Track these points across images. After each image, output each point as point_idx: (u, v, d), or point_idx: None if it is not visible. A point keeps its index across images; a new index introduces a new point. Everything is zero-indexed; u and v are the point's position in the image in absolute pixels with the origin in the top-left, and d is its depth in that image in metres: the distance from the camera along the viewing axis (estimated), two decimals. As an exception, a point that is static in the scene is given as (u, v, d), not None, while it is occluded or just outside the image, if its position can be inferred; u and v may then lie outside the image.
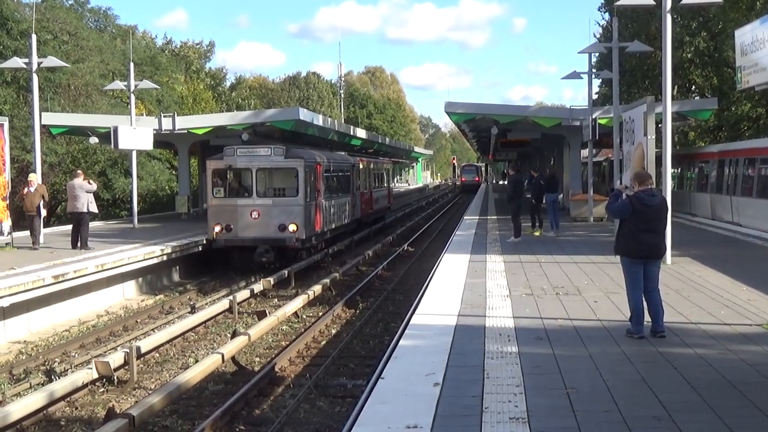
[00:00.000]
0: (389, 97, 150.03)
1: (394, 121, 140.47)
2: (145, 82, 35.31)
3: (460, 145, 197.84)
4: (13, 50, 44.19)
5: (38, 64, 26.98)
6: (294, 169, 27.06)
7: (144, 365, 15.61)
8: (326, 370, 14.87)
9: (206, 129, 36.78)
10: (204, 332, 18.66)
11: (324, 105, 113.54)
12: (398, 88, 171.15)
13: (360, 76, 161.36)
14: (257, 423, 12.10)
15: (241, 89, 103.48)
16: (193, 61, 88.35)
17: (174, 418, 12.39)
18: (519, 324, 12.25)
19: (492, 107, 42.45)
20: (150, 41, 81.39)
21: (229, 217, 26.63)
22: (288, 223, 26.51)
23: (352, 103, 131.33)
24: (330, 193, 31.40)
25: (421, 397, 8.54)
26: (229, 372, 14.99)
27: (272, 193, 27.96)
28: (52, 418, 12.45)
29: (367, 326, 18.96)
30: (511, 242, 24.80)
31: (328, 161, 31.80)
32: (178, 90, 70.18)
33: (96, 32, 61.33)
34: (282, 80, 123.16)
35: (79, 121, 38.48)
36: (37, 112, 27.44)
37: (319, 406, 12.86)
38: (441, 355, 10.33)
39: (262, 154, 27.30)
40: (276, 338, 17.99)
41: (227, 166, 27.30)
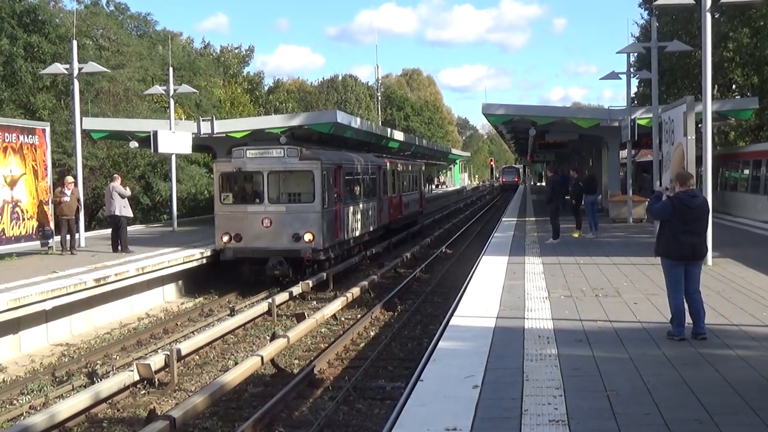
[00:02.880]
0: (426, 99, 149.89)
1: (432, 123, 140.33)
2: (184, 87, 35.57)
3: (498, 146, 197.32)
4: (51, 55, 44.78)
5: (79, 70, 27.27)
6: (309, 171, 24.67)
7: (184, 367, 15.72)
8: (365, 372, 14.88)
9: (244, 132, 36.96)
10: (243, 335, 18.75)
11: (361, 108, 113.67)
12: (435, 90, 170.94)
13: (397, 78, 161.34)
14: (296, 425, 12.14)
15: (279, 92, 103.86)
16: (231, 66, 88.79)
17: (214, 420, 12.47)
18: (558, 326, 12.19)
19: (530, 108, 42.29)
20: (188, 45, 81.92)
21: (238, 226, 24.61)
22: (303, 232, 24.24)
23: (390, 106, 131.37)
24: (353, 197, 29.28)
25: (460, 400, 8.52)
26: (268, 374, 15.05)
27: (286, 199, 25.85)
28: (95, 419, 12.59)
29: (405, 328, 18.95)
30: (550, 244, 24.70)
31: (350, 163, 29.48)
32: (217, 94, 70.60)
33: (136, 38, 61.87)
34: (320, 83, 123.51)
35: (119, 125, 38.85)
36: (78, 117, 27.73)
37: (358, 408, 12.88)
38: (480, 357, 10.30)
39: (274, 156, 24.75)
40: (315, 340, 18.04)
41: (236, 169, 24.95)
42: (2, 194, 22.92)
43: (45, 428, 11.31)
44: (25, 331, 17.72)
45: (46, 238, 24.93)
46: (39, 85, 46.39)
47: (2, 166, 22.97)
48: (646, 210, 11.72)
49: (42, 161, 24.92)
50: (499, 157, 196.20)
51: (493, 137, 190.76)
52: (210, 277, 25.48)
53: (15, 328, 17.32)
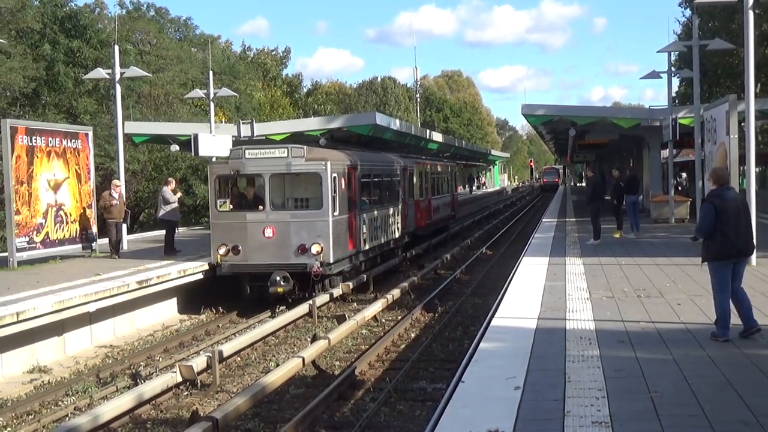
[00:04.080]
0: (465, 101, 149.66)
1: (471, 124, 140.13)
2: (224, 90, 35.85)
3: (537, 147, 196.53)
4: (93, 60, 45.33)
5: (120, 74, 27.54)
6: (316, 174, 21.85)
7: (226, 369, 15.80)
8: (406, 373, 14.86)
9: (284, 135, 37.08)
10: (284, 336, 18.82)
11: (400, 109, 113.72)
12: (474, 91, 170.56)
13: (436, 79, 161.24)
14: (338, 426, 12.16)
15: (318, 95, 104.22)
16: (270, 69, 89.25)
17: (256, 421, 12.52)
18: (600, 327, 12.12)
19: (569, 109, 42.11)
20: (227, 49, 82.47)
21: (237, 236, 21.79)
22: (310, 243, 21.49)
23: (429, 107, 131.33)
24: (372, 202, 26.53)
25: (502, 401, 8.50)
26: (309, 376, 15.09)
27: (291, 205, 23.39)
28: (138, 420, 12.70)
29: (446, 330, 18.92)
30: (591, 244, 24.56)
31: (368, 164, 26.66)
32: (256, 97, 71.01)
33: (176, 42, 62.39)
34: (358, 85, 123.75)
35: (160, 129, 39.20)
36: (120, 121, 28.01)
37: (399, 409, 12.87)
38: (521, 358, 10.27)
39: (276, 156, 21.97)
40: (355, 342, 18.06)
41: (233, 172, 22.17)
42: (46, 198, 23.21)
43: (90, 429, 11.41)
44: (70, 333, 17.93)
45: (88, 241, 25.21)
46: (81, 90, 46.95)
47: (46, 170, 23.26)
48: (695, 231, 11.60)
49: (85, 165, 25.21)
50: (539, 158, 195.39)
51: (532, 138, 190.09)
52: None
53: (59, 330, 17.53)
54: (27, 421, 12.94)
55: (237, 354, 16.51)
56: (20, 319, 15.35)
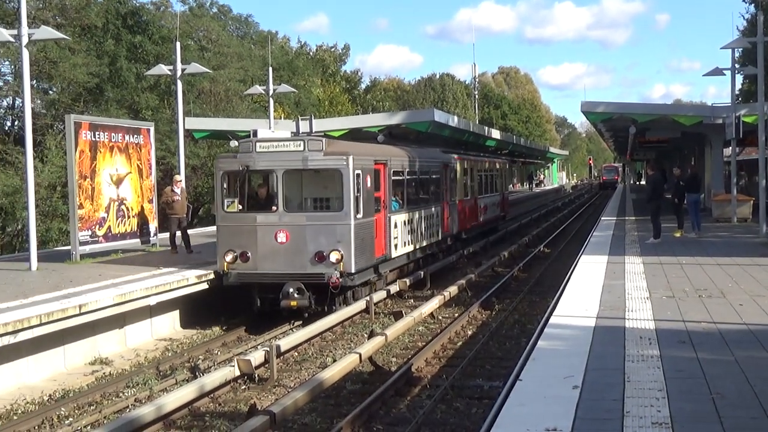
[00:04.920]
0: (524, 98, 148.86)
1: (529, 122, 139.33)
2: (283, 86, 36.07)
3: (597, 145, 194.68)
4: (155, 56, 45.90)
5: (182, 71, 27.84)
6: (336, 170, 19.43)
7: (283, 364, 15.90)
8: (462, 371, 14.84)
9: (342, 131, 37.19)
10: (341, 332, 18.89)
11: (458, 106, 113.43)
12: (533, 88, 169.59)
13: (495, 76, 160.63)
14: (394, 423, 12.18)
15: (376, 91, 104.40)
16: (329, 65, 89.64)
17: (313, 416, 12.59)
18: (660, 327, 11.98)
19: (630, 106, 41.63)
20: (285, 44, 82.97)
21: (246, 241, 19.45)
22: (329, 250, 19.06)
23: (487, 104, 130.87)
24: (406, 203, 24.05)
25: (560, 400, 8.44)
26: (366, 372, 15.13)
27: (307, 206, 21.15)
28: (197, 412, 12.85)
29: (503, 328, 18.84)
30: (651, 243, 24.28)
31: (401, 159, 24.05)
32: (315, 93, 71.34)
33: (237, 39, 62.93)
34: (417, 82, 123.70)
35: (220, 125, 39.57)
36: (181, 117, 28.31)
37: (456, 407, 12.85)
38: (580, 357, 10.19)
39: (291, 150, 19.49)
40: (412, 339, 18.06)
41: (242, 167, 19.77)
42: (109, 192, 23.56)
43: (151, 420, 11.60)
44: (131, 326, 18.20)
45: (148, 235, 25.53)
46: (143, 86, 47.56)
47: (109, 165, 23.61)
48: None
49: (147, 160, 25.54)
50: (598, 156, 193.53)
51: (591, 135, 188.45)
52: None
53: (121, 322, 17.80)
54: (89, 412, 13.16)
55: (294, 349, 16.61)
56: (83, 312, 15.61)
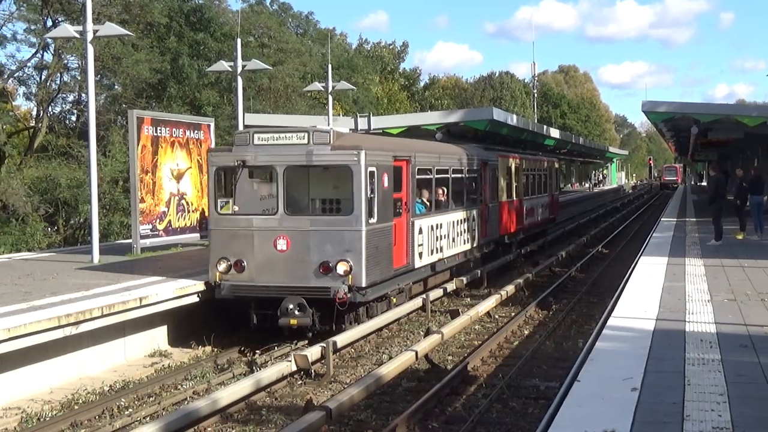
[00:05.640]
0: (583, 97, 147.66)
1: (588, 121, 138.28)
2: (342, 83, 36.19)
3: (657, 145, 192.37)
4: (216, 52, 46.36)
5: (242, 67, 28.07)
6: (346, 167, 16.69)
7: (339, 360, 15.96)
8: (519, 370, 14.76)
9: (400, 129, 37.22)
10: (398, 329, 18.89)
11: (517, 105, 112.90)
12: (592, 87, 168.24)
13: (554, 75, 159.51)
14: (450, 421, 12.15)
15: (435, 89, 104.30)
16: (388, 62, 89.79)
17: (368, 412, 12.61)
18: (721, 330, 11.81)
19: (692, 106, 41.02)
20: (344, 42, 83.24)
21: (241, 248, 17.00)
22: (336, 260, 16.45)
23: (545, 103, 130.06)
24: (435, 205, 21.44)
25: (619, 402, 8.36)
26: (422, 369, 15.12)
27: (312, 209, 18.45)
28: (254, 406, 12.96)
29: (560, 328, 18.72)
30: (712, 245, 23.93)
31: (430, 156, 21.22)
32: (374, 91, 71.51)
33: (296, 36, 63.34)
34: (475, 80, 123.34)
35: (279, 121, 39.75)
36: (241, 113, 28.56)
37: (512, 406, 12.78)
38: (639, 359, 10.08)
39: (294, 143, 16.89)
40: (468, 337, 18.02)
41: (238, 163, 17.23)
42: (169, 187, 23.84)
43: (208, 413, 11.74)
44: (190, 319, 18.37)
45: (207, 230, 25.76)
46: (204, 82, 48.09)
47: (170, 160, 23.89)
48: None
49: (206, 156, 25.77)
50: (658, 156, 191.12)
51: (651, 135, 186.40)
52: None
53: (180, 315, 17.97)
54: (148, 403, 13.33)
55: (351, 345, 16.64)
56: (143, 304, 15.81)
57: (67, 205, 41.02)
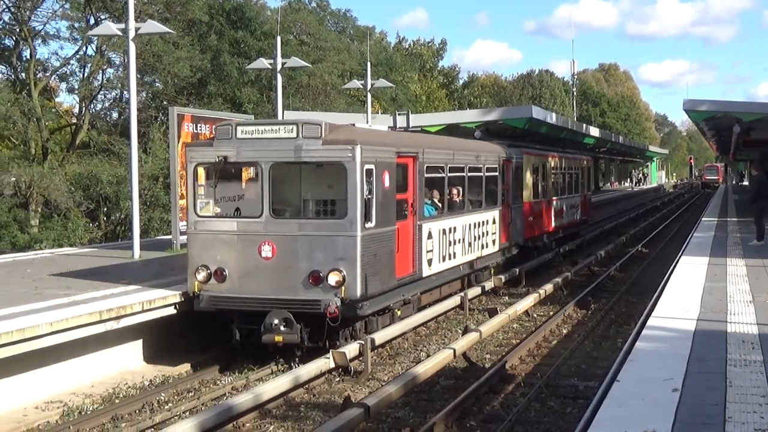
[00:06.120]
0: (623, 95, 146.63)
1: (628, 119, 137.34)
2: (381, 81, 36.23)
3: (698, 144, 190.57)
4: (257, 50, 46.63)
5: (282, 65, 28.20)
6: (339, 164, 14.90)
7: (377, 357, 15.97)
8: (557, 369, 14.70)
9: (439, 126, 37.24)
10: (435, 327, 18.88)
11: (556, 103, 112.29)
12: (632, 85, 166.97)
13: (593, 73, 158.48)
14: (487, 420, 12.12)
15: (474, 87, 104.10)
16: (427, 60, 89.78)
17: (406, 410, 12.62)
18: (764, 331, 11.70)
19: (734, 104, 40.61)
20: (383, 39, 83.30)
21: (222, 255, 15.27)
22: (327, 269, 14.65)
23: (585, 101, 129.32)
24: (450, 207, 19.81)
25: (659, 402, 8.31)
26: (459, 367, 15.11)
27: (302, 212, 16.74)
28: (292, 402, 13.02)
29: (599, 327, 18.62)
30: (753, 245, 23.68)
31: (441, 153, 19.44)
32: (412, 88, 71.50)
33: (335, 33, 63.51)
34: (514, 78, 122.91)
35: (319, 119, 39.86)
36: (280, 110, 28.69)
37: (550, 405, 12.73)
38: (679, 360, 10.01)
39: (281, 137, 15.05)
40: (506, 336, 17.97)
41: (219, 159, 15.43)
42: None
43: (247, 408, 11.81)
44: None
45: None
46: (244, 80, 48.39)
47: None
48: None
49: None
50: (699, 155, 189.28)
51: (692, 134, 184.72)
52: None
53: (219, 311, 18.05)
54: (187, 398, 13.45)
55: (388, 343, 16.66)
56: (183, 300, 15.89)
57: (108, 201, 41.47)
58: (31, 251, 28.56)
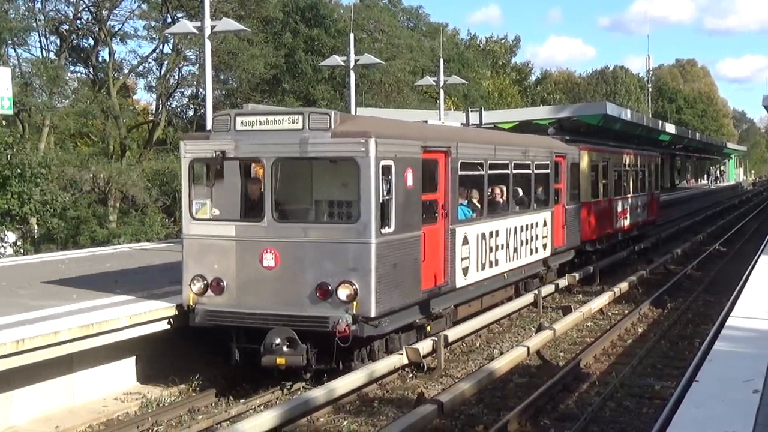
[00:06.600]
0: (700, 91, 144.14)
1: (705, 116, 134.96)
2: (454, 78, 36.13)
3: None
4: (330, 48, 46.92)
5: (355, 62, 28.33)
6: (351, 159, 13.05)
7: (450, 354, 15.96)
8: (633, 369, 14.55)
9: (511, 123, 37.01)
10: (508, 325, 18.80)
11: (631, 100, 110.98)
12: (710, 81, 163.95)
13: (670, 69, 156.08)
14: (561, 418, 12.05)
15: (547, 84, 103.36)
16: (499, 57, 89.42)
17: (479, 407, 12.59)
18: None
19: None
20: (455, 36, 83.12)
21: (219, 264, 13.52)
22: (337, 281, 12.83)
23: (660, 98, 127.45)
24: (491, 208, 17.81)
25: (739, 404, 8.19)
26: (533, 365, 15.04)
27: (309, 214, 15.09)
28: (365, 398, 13.07)
29: (675, 327, 18.38)
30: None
31: (479, 147, 17.35)
32: (484, 85, 71.26)
33: (407, 30, 63.61)
34: (588, 75, 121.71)
35: (391, 116, 39.94)
36: (353, 107, 28.83)
37: (626, 405, 12.61)
38: (760, 360, 9.84)
39: (285, 128, 13.26)
40: (580, 334, 17.83)
41: (216, 154, 13.61)
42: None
43: (322, 403, 11.89)
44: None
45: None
46: (318, 77, 48.75)
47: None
48: None
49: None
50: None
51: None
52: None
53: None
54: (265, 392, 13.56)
55: (461, 339, 16.65)
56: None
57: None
58: (110, 246, 29.17)
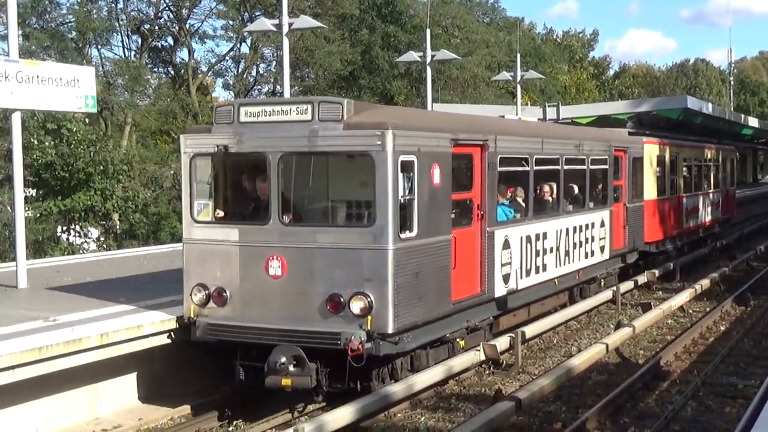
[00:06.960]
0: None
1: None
2: (531, 73, 35.98)
3: None
4: (406, 44, 47.01)
5: (431, 58, 28.35)
6: (366, 155, 11.55)
7: (527, 350, 15.88)
8: (715, 367, 14.31)
9: (589, 118, 36.67)
10: (587, 322, 18.63)
11: (712, 93, 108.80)
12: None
13: (753, 61, 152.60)
14: (641, 417, 11.91)
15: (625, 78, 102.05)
16: (576, 51, 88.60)
17: (557, 404, 12.52)
18: None
19: None
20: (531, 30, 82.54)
21: (222, 272, 12.18)
22: (350, 293, 11.37)
23: (743, 91, 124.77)
24: (537, 208, 16.19)
25: (826, 404, 8.01)
26: (612, 363, 14.90)
27: (319, 217, 13.24)
28: (443, 394, 13.09)
29: (759, 325, 18.03)
30: None
31: (522, 141, 15.62)
32: (561, 80, 70.67)
33: (484, 25, 63.39)
34: (668, 68, 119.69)
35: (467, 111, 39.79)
36: (430, 103, 28.87)
37: (708, 404, 12.41)
38: None
39: (292, 120, 11.81)
40: (660, 331, 17.60)
41: (219, 149, 12.20)
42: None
43: (401, 398, 11.91)
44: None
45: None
46: (394, 73, 48.90)
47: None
48: None
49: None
50: None
51: None
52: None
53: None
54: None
55: (539, 336, 16.55)
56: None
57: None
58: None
